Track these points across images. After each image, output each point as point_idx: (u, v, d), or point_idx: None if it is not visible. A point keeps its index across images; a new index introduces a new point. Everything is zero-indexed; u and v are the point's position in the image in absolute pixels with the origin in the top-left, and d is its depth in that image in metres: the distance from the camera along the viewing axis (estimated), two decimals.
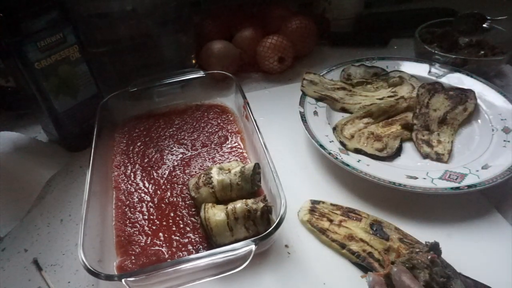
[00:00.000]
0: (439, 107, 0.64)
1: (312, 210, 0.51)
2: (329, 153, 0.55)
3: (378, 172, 0.52)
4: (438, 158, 0.56)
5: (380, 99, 0.69)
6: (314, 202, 0.52)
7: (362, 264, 0.44)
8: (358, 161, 0.55)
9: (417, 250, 0.42)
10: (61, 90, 0.60)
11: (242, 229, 0.45)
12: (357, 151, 0.57)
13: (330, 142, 0.58)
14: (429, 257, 0.40)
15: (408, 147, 0.60)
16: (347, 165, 0.53)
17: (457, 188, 0.49)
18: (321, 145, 0.56)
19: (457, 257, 0.43)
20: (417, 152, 0.59)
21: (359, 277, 0.44)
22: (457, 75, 0.70)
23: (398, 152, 0.58)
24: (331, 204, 0.52)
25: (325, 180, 0.56)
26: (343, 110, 0.68)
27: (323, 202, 0.52)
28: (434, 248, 0.41)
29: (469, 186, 0.49)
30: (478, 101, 0.64)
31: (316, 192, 0.54)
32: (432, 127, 0.61)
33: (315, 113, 0.64)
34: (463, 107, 0.64)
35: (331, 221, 0.49)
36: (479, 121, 0.63)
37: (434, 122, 0.62)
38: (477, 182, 0.49)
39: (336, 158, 0.54)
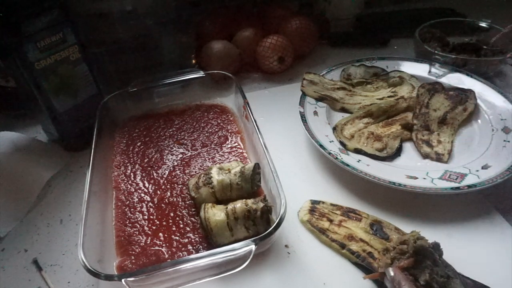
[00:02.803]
0: (439, 107, 0.64)
1: (312, 210, 0.51)
2: (329, 153, 0.55)
3: (378, 172, 0.52)
4: (438, 158, 0.56)
5: (380, 99, 0.69)
6: (314, 202, 0.52)
7: (362, 264, 0.44)
8: (358, 161, 0.55)
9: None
10: (61, 90, 0.60)
11: (242, 229, 0.45)
12: (357, 151, 0.57)
13: (330, 142, 0.58)
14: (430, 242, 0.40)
15: (408, 147, 0.60)
16: (347, 165, 0.53)
17: (457, 188, 0.49)
18: (321, 145, 0.56)
19: (457, 257, 0.43)
20: (417, 152, 0.59)
21: (358, 277, 0.44)
22: (457, 75, 0.70)
23: (398, 152, 0.58)
24: (331, 204, 0.52)
25: (325, 180, 0.56)
26: (343, 110, 0.68)
27: (323, 202, 0.52)
28: (435, 248, 0.41)
29: (469, 186, 0.49)
30: (478, 101, 0.64)
31: (316, 192, 0.54)
32: (432, 127, 0.61)
33: (315, 113, 0.64)
34: (463, 107, 0.64)
35: (331, 221, 0.49)
36: (479, 121, 0.63)
37: (434, 122, 0.62)
38: (477, 182, 0.49)
39: (336, 158, 0.54)
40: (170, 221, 0.50)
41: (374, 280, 0.43)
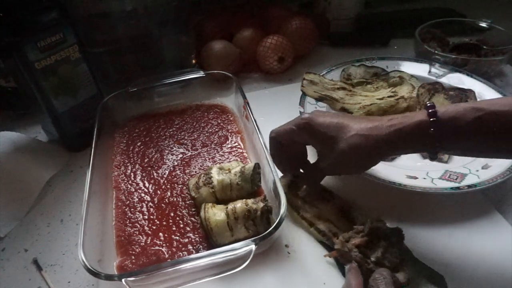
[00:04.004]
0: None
1: (290, 186, 0.51)
2: None
3: (378, 172, 0.52)
4: (438, 158, 0.56)
5: (380, 99, 0.68)
6: (295, 177, 0.53)
7: (326, 243, 0.46)
8: None
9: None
10: (61, 90, 0.60)
11: (242, 229, 0.45)
12: None
13: None
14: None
15: None
16: None
17: (457, 188, 0.49)
18: None
19: (457, 256, 0.43)
20: None
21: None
22: (457, 75, 0.70)
23: None
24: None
25: (324, 180, 0.56)
26: (343, 110, 0.67)
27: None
28: (395, 232, 0.43)
29: (469, 186, 0.49)
30: (478, 100, 0.64)
31: None
32: None
33: None
34: None
35: (304, 200, 0.50)
36: None
37: None
38: (477, 182, 0.49)
39: None
40: (170, 221, 0.50)
41: (335, 258, 0.45)
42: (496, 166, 0.52)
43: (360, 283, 0.38)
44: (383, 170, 0.53)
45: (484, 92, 0.65)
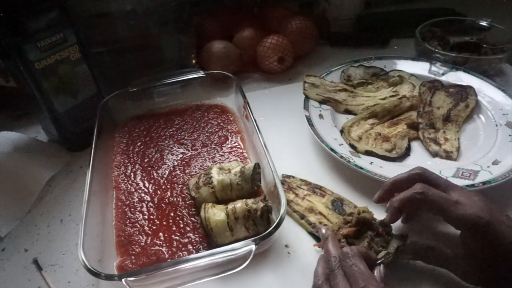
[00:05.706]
0: (442, 104, 0.64)
1: (281, 183, 0.51)
2: (341, 157, 0.54)
3: (393, 174, 0.50)
4: (448, 156, 0.56)
5: (382, 99, 0.68)
6: (285, 176, 0.56)
7: (316, 234, 0.47)
8: (371, 163, 0.54)
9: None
10: (61, 90, 0.60)
11: (242, 229, 0.45)
12: (368, 153, 0.56)
13: (340, 145, 0.57)
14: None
15: (415, 146, 0.60)
16: (361, 168, 0.52)
17: (472, 185, 0.48)
18: (332, 149, 0.55)
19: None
20: (425, 150, 0.58)
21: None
22: (457, 73, 0.70)
23: (407, 152, 0.58)
24: (301, 180, 0.55)
25: (326, 179, 0.56)
26: (347, 112, 0.67)
27: (293, 177, 0.55)
28: (382, 224, 0.44)
29: (483, 183, 0.48)
30: (479, 97, 0.64)
31: None
32: (437, 125, 0.61)
33: (321, 116, 0.63)
34: (465, 103, 0.64)
35: (296, 194, 0.52)
36: (482, 117, 0.63)
37: (439, 120, 0.62)
38: (490, 178, 0.49)
39: (349, 161, 0.53)
40: (170, 221, 0.50)
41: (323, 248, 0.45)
42: (506, 161, 0.52)
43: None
44: (397, 171, 0.51)
45: (483, 88, 0.66)
